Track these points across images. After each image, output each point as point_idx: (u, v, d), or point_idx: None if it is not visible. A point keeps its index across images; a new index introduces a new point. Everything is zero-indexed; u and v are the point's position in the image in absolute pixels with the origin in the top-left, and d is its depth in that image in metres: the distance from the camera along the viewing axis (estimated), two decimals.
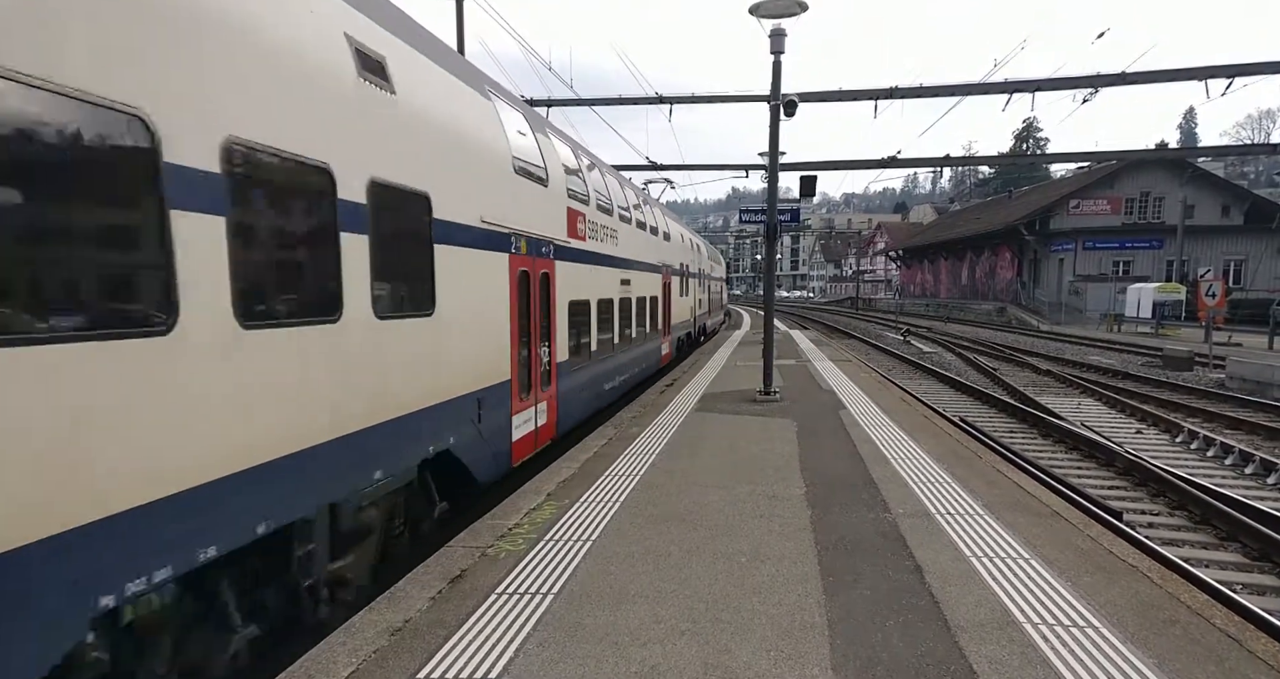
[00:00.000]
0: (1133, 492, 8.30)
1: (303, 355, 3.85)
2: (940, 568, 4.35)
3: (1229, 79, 17.47)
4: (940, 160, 26.13)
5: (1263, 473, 8.99)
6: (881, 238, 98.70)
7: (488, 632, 3.62)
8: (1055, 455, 9.98)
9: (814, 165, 22.29)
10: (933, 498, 5.80)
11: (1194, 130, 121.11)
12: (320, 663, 3.33)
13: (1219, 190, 46.56)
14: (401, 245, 4.95)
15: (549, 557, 4.62)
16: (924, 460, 7.09)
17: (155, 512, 2.95)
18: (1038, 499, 5.84)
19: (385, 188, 4.63)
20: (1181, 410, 13.16)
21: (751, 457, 7.27)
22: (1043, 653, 3.34)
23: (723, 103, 20.15)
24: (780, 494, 5.94)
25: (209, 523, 3.22)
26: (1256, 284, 39.37)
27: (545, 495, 6.00)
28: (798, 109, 11.02)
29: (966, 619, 3.68)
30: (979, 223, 57.79)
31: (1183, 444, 10.69)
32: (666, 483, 6.32)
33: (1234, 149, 59.87)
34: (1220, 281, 23.78)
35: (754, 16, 10.09)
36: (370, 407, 4.46)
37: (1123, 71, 17.75)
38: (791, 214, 11.87)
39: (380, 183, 4.58)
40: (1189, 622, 3.65)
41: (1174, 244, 39.01)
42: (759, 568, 4.39)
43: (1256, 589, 5.74)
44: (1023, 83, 18.55)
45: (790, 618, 3.73)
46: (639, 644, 3.47)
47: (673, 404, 10.54)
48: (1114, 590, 4.02)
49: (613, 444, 7.93)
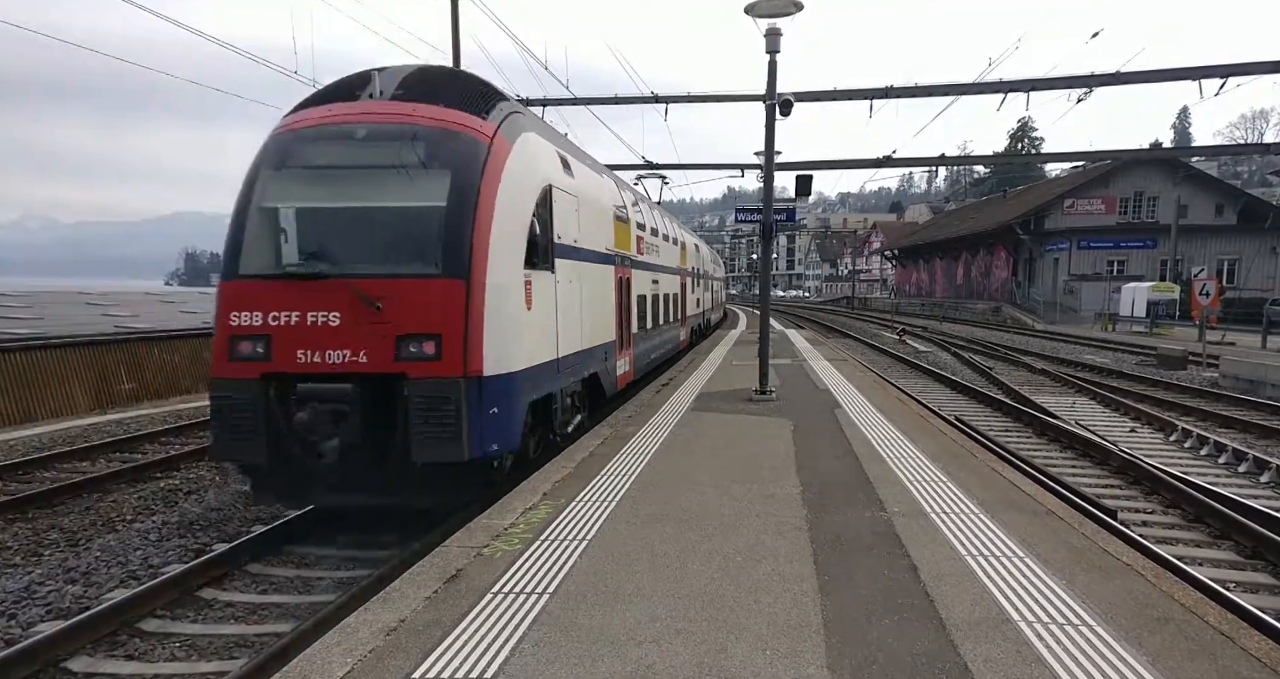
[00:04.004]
0: (1127, 490, 8.33)
1: (574, 306, 8.54)
2: (935, 566, 4.36)
3: (1223, 79, 17.52)
4: (935, 160, 26.18)
5: (1256, 471, 9.03)
6: (877, 237, 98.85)
7: (483, 631, 3.62)
8: (1050, 454, 10.01)
9: (810, 165, 22.30)
10: (928, 497, 5.82)
11: (1188, 130, 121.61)
12: (316, 663, 3.33)
13: (1213, 190, 46.74)
14: (595, 270, 9.66)
15: (545, 556, 4.62)
16: (920, 459, 7.11)
17: (550, 365, 7.59)
18: (1033, 498, 5.86)
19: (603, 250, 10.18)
20: (1175, 409, 13.22)
21: (747, 456, 7.27)
22: (1037, 651, 3.35)
23: (718, 102, 20.15)
24: (776, 493, 5.94)
25: (564, 372, 8.16)
26: (1250, 283, 39.53)
27: (541, 495, 6.00)
28: (793, 109, 11.02)
29: (962, 618, 3.69)
30: (974, 222, 57.91)
31: (1176, 443, 10.74)
32: (662, 482, 6.33)
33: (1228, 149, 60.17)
34: (1214, 281, 23.88)
35: (749, 16, 10.10)
36: (580, 341, 8.79)
37: (1117, 71, 17.80)
38: (787, 213, 11.86)
39: (609, 248, 10.54)
40: (1182, 619, 3.67)
41: (1168, 243, 39.13)
42: (755, 567, 4.40)
43: (1249, 587, 5.77)
44: (1017, 82, 18.58)
45: (786, 616, 3.73)
46: (635, 643, 3.48)
47: (669, 403, 10.54)
48: (1108, 589, 4.04)
49: (609, 443, 7.94)
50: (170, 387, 17.21)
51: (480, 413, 6.14)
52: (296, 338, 6.09)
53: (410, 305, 6.08)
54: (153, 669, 4.81)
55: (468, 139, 6.61)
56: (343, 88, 7.19)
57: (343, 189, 6.55)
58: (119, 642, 5.12)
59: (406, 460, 6.00)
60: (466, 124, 6.70)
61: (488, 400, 6.20)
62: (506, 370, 6.43)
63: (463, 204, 6.33)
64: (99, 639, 5.07)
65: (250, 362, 6.12)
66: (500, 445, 6.36)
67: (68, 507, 8.08)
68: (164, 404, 15.41)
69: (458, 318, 6.10)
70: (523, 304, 6.84)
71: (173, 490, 8.71)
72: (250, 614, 5.60)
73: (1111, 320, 35.15)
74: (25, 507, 7.93)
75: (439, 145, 6.53)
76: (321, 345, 6.06)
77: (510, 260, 6.64)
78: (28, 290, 25.87)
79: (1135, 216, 45.82)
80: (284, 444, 6.12)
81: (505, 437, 6.41)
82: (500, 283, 6.41)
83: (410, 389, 5.96)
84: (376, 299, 6.02)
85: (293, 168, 6.66)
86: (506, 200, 6.63)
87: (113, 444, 10.79)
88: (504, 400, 6.36)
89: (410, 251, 6.34)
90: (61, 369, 14.95)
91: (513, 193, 6.76)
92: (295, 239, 6.47)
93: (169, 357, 17.62)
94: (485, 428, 6.18)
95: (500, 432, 6.34)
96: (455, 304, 6.12)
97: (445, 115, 6.70)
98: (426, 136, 6.54)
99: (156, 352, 17.33)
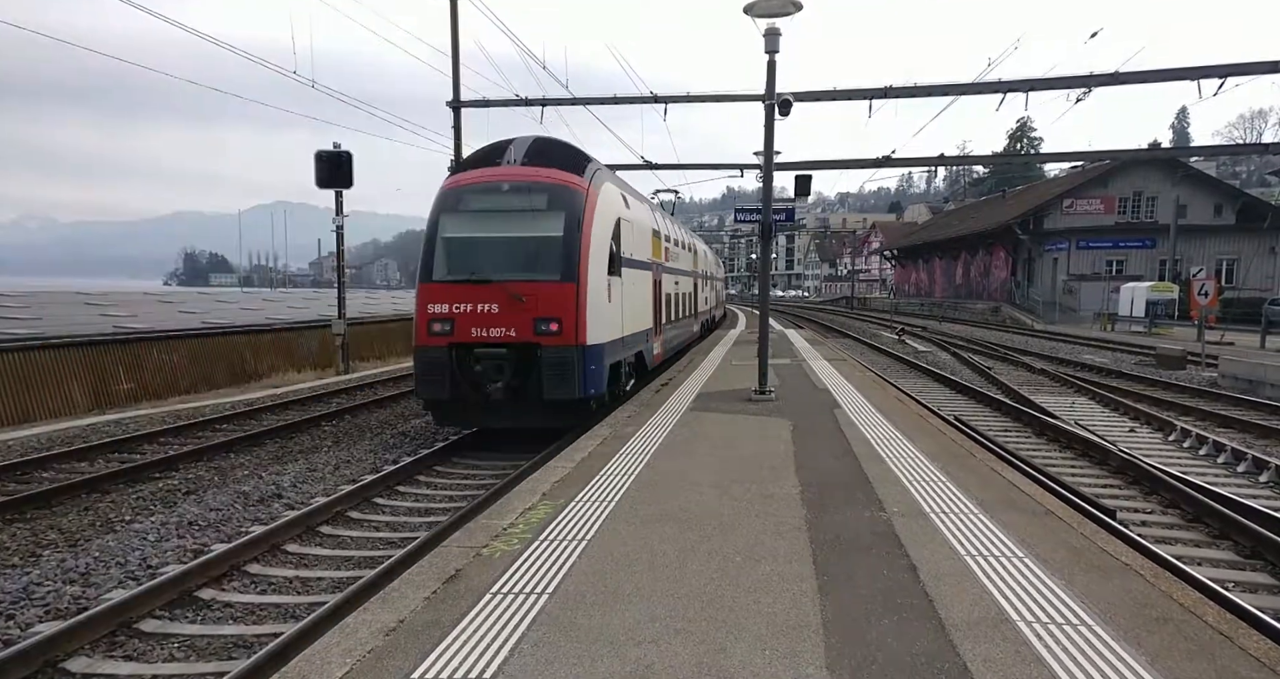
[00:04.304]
0: (1126, 490, 8.33)
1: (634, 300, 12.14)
2: (935, 566, 4.36)
3: (1221, 79, 17.51)
4: (934, 160, 26.16)
5: (1254, 471, 9.04)
6: (876, 237, 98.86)
7: (482, 631, 3.61)
8: (1049, 454, 10.02)
9: (809, 165, 22.28)
10: (927, 497, 5.82)
11: (1187, 130, 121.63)
12: (315, 663, 3.32)
13: (1211, 190, 46.77)
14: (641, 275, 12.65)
15: (544, 556, 4.62)
16: (919, 459, 7.11)
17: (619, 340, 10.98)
18: (1032, 498, 5.86)
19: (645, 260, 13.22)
20: (1174, 409, 13.22)
21: (747, 456, 7.27)
22: (1036, 651, 3.35)
23: (718, 102, 20.13)
24: (775, 493, 5.94)
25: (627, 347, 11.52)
26: (1249, 283, 39.58)
27: (540, 495, 5.99)
28: (792, 108, 11.02)
29: (961, 618, 3.69)
30: (973, 222, 57.93)
31: (1175, 443, 10.74)
32: (662, 482, 6.32)
33: (1226, 149, 60.17)
34: (1213, 281, 23.89)
35: (749, 16, 10.10)
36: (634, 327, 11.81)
37: (1116, 71, 17.79)
38: (786, 213, 11.85)
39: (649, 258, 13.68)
40: (1181, 619, 3.67)
41: (1167, 243, 39.17)
42: (754, 567, 4.39)
43: (1248, 587, 5.77)
44: (1016, 82, 18.57)
45: (785, 616, 3.73)
46: (634, 643, 3.47)
47: (668, 403, 10.54)
48: (1107, 588, 4.04)
49: (608, 443, 7.93)
50: (169, 387, 17.21)
51: (584, 369, 9.67)
52: (470, 321, 9.66)
53: (542, 300, 9.60)
54: (151, 670, 4.81)
55: (573, 191, 10.10)
56: (489, 154, 10.90)
57: (496, 224, 10.13)
58: (117, 642, 5.11)
59: (540, 397, 9.63)
60: (571, 181, 10.21)
61: (588, 361, 9.72)
62: (598, 342, 9.96)
63: (572, 234, 9.79)
64: (97, 640, 5.06)
65: (441, 336, 9.69)
66: (595, 390, 9.92)
67: (66, 507, 8.07)
68: (163, 404, 15.39)
69: (571, 308, 9.60)
70: (606, 300, 10.27)
71: (171, 490, 8.70)
72: (249, 614, 5.60)
73: (1110, 320, 35.16)
74: (24, 507, 7.92)
75: (555, 195, 10.00)
76: (486, 325, 9.64)
77: (600, 270, 10.11)
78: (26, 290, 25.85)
79: (1134, 216, 45.85)
80: (460, 388, 9.75)
81: (598, 385, 10.00)
82: (595, 285, 9.92)
83: (542, 353, 9.58)
84: (521, 296, 9.57)
85: (463, 211, 10.24)
86: (596, 231, 10.11)
87: (111, 444, 10.78)
88: (597, 361, 9.93)
89: (541, 265, 9.78)
90: (60, 369, 14.94)
91: (600, 226, 10.23)
92: (467, 257, 9.98)
93: (168, 357, 17.63)
94: (587, 378, 9.71)
95: (596, 381, 9.91)
96: (569, 299, 9.62)
97: (557, 175, 10.21)
98: (547, 189, 10.04)
99: (155, 351, 17.33)
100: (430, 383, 9.80)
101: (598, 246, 10.05)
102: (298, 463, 9.98)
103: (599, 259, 10.06)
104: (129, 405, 15.40)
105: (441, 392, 9.74)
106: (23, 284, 64.38)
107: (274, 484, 8.80)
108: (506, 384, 9.60)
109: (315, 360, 22.15)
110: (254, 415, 13.42)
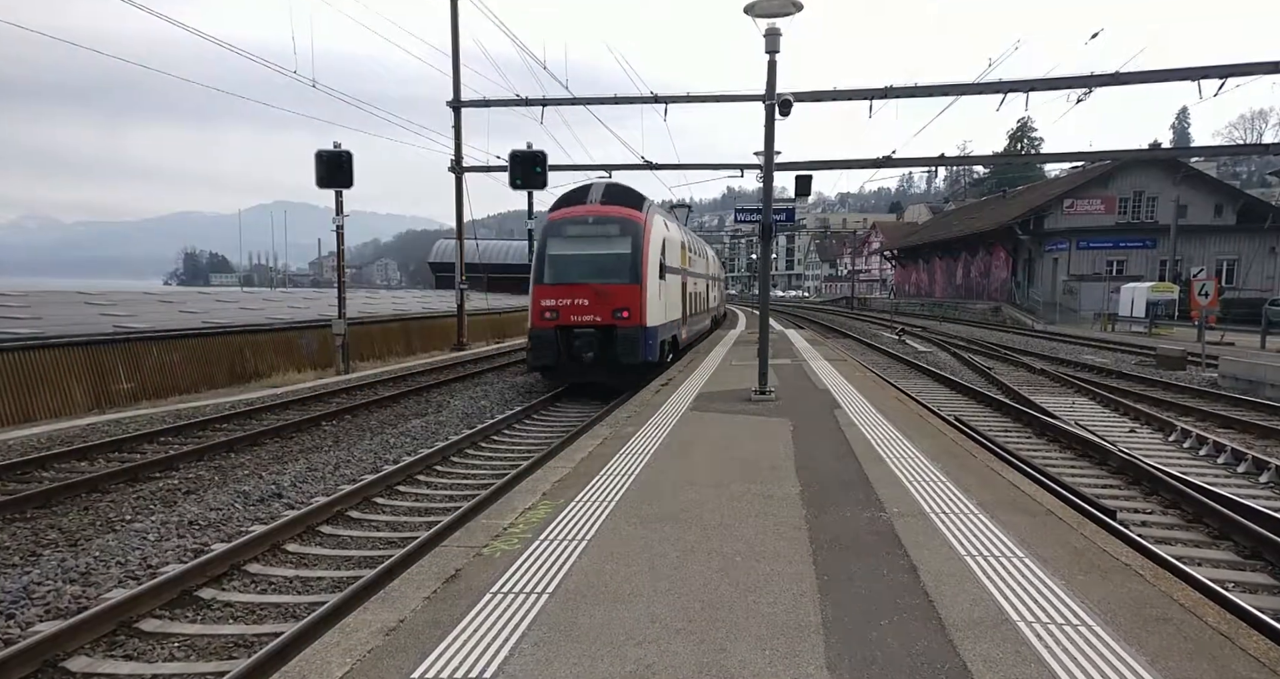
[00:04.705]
0: (1126, 490, 8.33)
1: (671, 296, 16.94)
2: (935, 567, 4.36)
3: (1222, 79, 17.53)
4: (935, 160, 26.17)
5: (1255, 472, 9.03)
6: (877, 237, 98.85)
7: (482, 631, 3.61)
8: (1050, 454, 10.01)
9: (809, 165, 22.30)
10: (927, 497, 5.82)
11: (1187, 130, 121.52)
12: (315, 663, 3.33)
13: (1212, 190, 46.78)
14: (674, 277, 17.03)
15: (544, 556, 4.62)
16: (919, 459, 7.11)
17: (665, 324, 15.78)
18: (1032, 498, 5.86)
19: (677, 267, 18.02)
20: (1175, 409, 13.22)
21: (747, 456, 7.27)
22: (1036, 651, 3.35)
23: (718, 102, 20.16)
24: (775, 493, 5.94)
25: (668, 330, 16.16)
26: (1249, 284, 39.55)
27: (540, 495, 6.00)
28: (793, 109, 11.01)
29: (961, 618, 3.69)
30: (974, 222, 57.94)
31: (1176, 443, 10.74)
32: (662, 482, 6.32)
33: (1227, 149, 60.15)
34: (1213, 281, 23.88)
35: (749, 16, 10.10)
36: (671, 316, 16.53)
37: (1116, 72, 17.81)
38: (786, 213, 11.86)
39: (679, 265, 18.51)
40: (1181, 619, 3.67)
41: (1167, 244, 39.18)
42: (754, 567, 4.39)
43: (1248, 587, 5.77)
44: (1017, 83, 18.59)
45: (785, 616, 3.73)
46: (634, 643, 3.47)
47: (668, 404, 10.54)
48: (1107, 589, 4.04)
49: (608, 444, 7.93)
50: (169, 386, 17.20)
51: (646, 342, 14.22)
52: (570, 310, 14.20)
53: (617, 296, 14.18)
54: (151, 669, 4.81)
55: (635, 222, 14.78)
56: (577, 195, 15.86)
57: (585, 245, 14.71)
58: (117, 642, 5.12)
59: (617, 361, 14.18)
60: (633, 215, 14.93)
61: (648, 337, 14.28)
62: (654, 324, 14.57)
63: (636, 252, 14.47)
64: (97, 639, 5.06)
65: (550, 321, 14.22)
66: (651, 357, 14.47)
67: (66, 506, 8.07)
68: (163, 404, 15.39)
69: (636, 301, 14.19)
70: (658, 296, 14.95)
71: (171, 490, 8.70)
72: (249, 614, 5.60)
73: (1111, 320, 35.16)
74: (24, 506, 7.92)
75: (624, 225, 14.71)
76: (581, 313, 14.17)
77: (654, 275, 14.77)
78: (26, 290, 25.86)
79: (1134, 217, 45.86)
80: (561, 357, 14.28)
81: (653, 353, 14.55)
82: (651, 286, 14.55)
83: (618, 332, 14.13)
84: (603, 294, 14.16)
85: (561, 236, 14.85)
86: (651, 249, 14.75)
87: (111, 444, 10.78)
88: (654, 338, 14.56)
89: (616, 272, 14.35)
90: (60, 369, 14.94)
91: (653, 245, 14.89)
92: (567, 267, 14.52)
93: (168, 356, 17.61)
94: (648, 349, 14.29)
95: (652, 351, 14.48)
96: (635, 295, 14.24)
97: (624, 211, 14.99)
98: (618, 221, 14.75)
99: (155, 351, 17.32)
100: (542, 353, 14.27)
101: (652, 259, 14.72)
102: (298, 462, 9.98)
103: (653, 268, 14.73)
104: (129, 405, 15.40)
105: (551, 359, 14.29)
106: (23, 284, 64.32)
107: (274, 484, 8.80)
108: (595, 353, 14.11)
109: (315, 360, 22.14)
110: (254, 415, 13.42)
